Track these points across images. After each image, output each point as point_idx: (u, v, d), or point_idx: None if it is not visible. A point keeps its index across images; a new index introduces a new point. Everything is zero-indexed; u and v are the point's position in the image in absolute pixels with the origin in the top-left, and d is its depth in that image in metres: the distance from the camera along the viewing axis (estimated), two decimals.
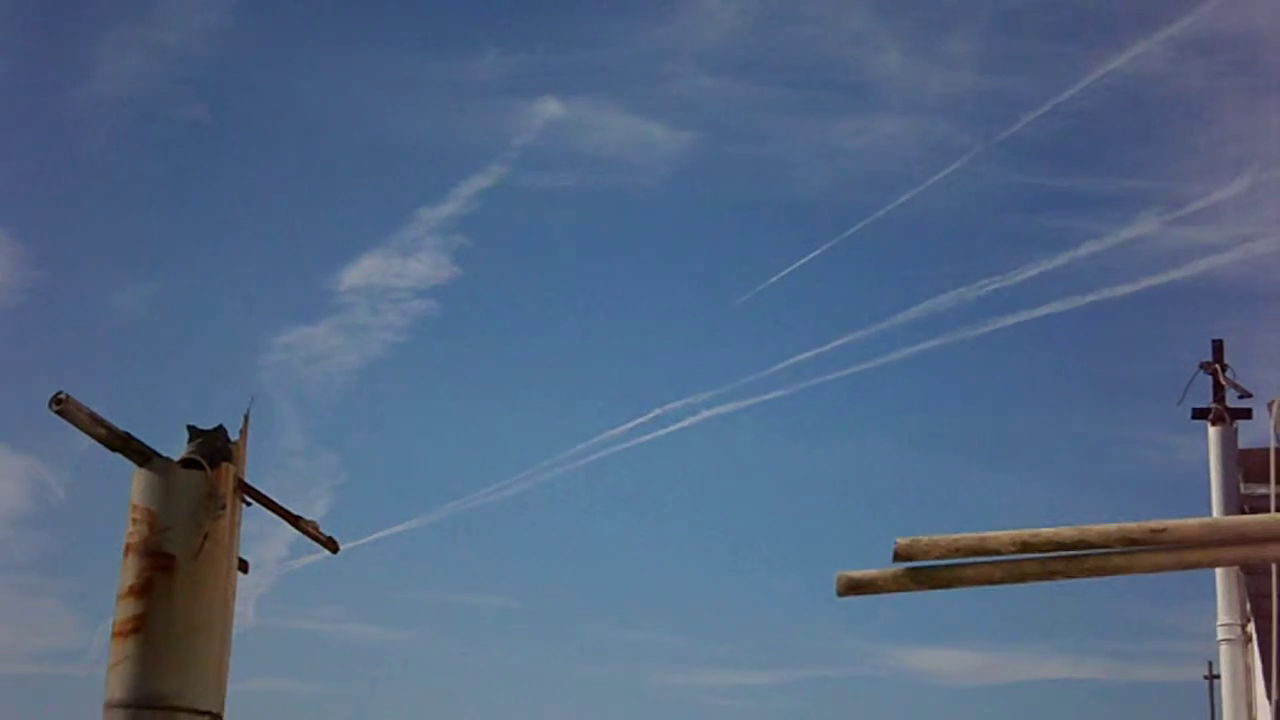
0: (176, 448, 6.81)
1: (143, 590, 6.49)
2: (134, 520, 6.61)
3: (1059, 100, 38.23)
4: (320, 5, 44.57)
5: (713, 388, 38.46)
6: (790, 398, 38.47)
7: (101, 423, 6.57)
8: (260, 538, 7.10)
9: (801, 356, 37.52)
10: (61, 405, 6.40)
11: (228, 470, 6.74)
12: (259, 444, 6.99)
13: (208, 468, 6.68)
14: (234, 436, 6.88)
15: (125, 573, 6.56)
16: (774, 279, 39.46)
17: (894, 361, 37.58)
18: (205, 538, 6.56)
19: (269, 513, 7.10)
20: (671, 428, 37.68)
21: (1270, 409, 15.25)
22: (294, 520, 7.18)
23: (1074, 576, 6.30)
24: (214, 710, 6.54)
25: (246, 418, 6.94)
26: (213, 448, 6.77)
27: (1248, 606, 15.91)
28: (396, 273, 40.84)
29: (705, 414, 37.69)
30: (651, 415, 37.66)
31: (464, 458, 44.70)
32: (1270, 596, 14.34)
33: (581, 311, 45.04)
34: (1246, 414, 16.67)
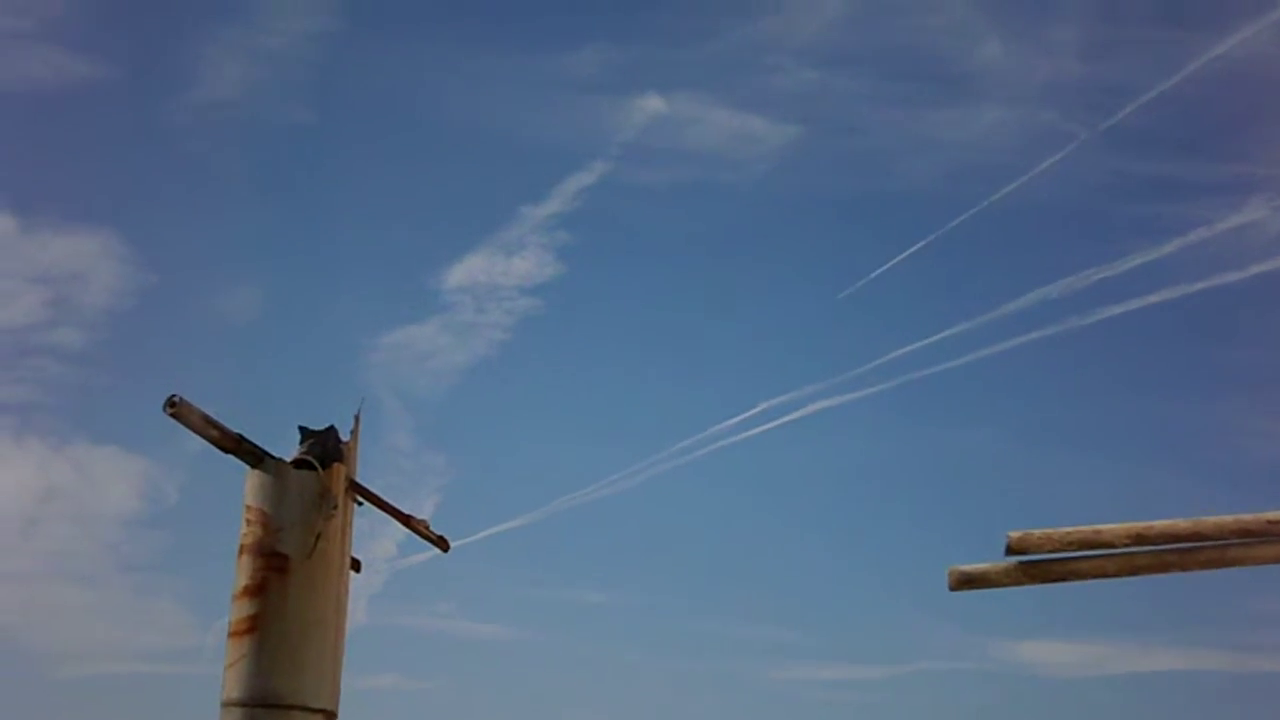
0: (287, 448, 6.86)
1: (257, 590, 6.55)
2: (248, 521, 6.67)
3: (1165, 87, 37.66)
4: (421, 5, 44.84)
5: (818, 381, 38.21)
6: (896, 390, 38.14)
7: (214, 425, 6.63)
8: (370, 537, 7.15)
9: (907, 349, 37.19)
10: (175, 408, 6.47)
11: (339, 470, 6.79)
12: (367, 444, 7.04)
13: (320, 468, 6.73)
14: (344, 437, 6.93)
15: (240, 573, 6.63)
16: (878, 272, 39.14)
17: (1001, 352, 37.16)
18: (318, 537, 6.61)
19: (379, 512, 7.15)
20: (778, 421, 37.50)
21: None
22: (405, 519, 7.22)
23: (1189, 569, 6.21)
24: (329, 708, 6.59)
25: (357, 418, 6.99)
26: (324, 448, 6.82)
27: None
28: (501, 271, 40.94)
29: (812, 407, 37.48)
30: (758, 409, 37.49)
31: (571, 454, 44.77)
32: None
33: (685, 307, 44.98)
34: None
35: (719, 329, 44.93)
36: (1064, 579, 6.30)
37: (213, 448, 6.72)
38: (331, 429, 6.90)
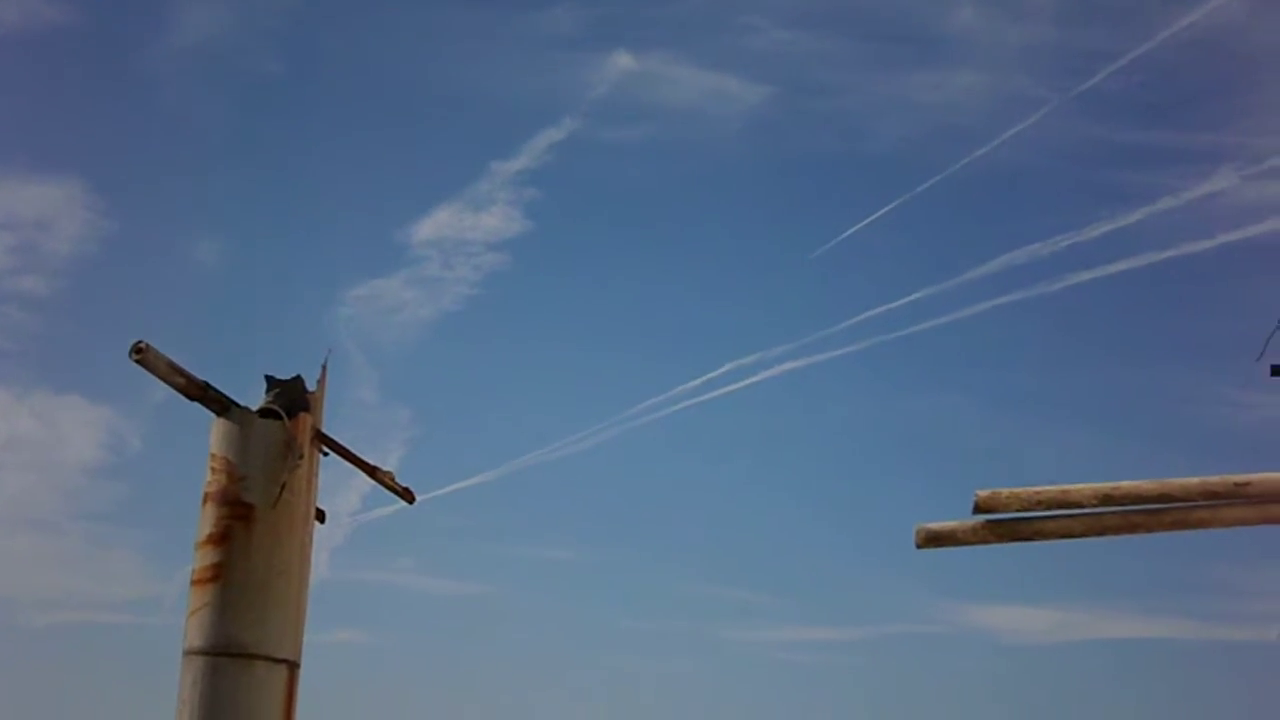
0: (252, 398, 6.82)
1: (221, 539, 6.51)
2: (212, 469, 6.63)
3: (1137, 53, 37.70)
4: None
5: (786, 342, 38.26)
6: (864, 352, 38.23)
7: (180, 372, 6.59)
8: (334, 490, 7.11)
9: (876, 311, 37.25)
10: (141, 354, 6.42)
11: (305, 420, 6.75)
12: (332, 397, 7.00)
13: (286, 417, 6.69)
14: (310, 387, 6.89)
15: (204, 521, 6.59)
16: (848, 233, 39.18)
17: (969, 316, 37.26)
18: (283, 487, 6.57)
19: (342, 465, 7.11)
20: (745, 382, 37.56)
21: None
22: (371, 471, 7.19)
23: (1155, 530, 6.23)
24: (291, 658, 6.56)
25: (324, 369, 6.94)
26: (290, 398, 6.78)
27: None
28: (469, 226, 40.84)
29: (779, 369, 37.54)
30: (724, 369, 37.54)
31: (536, 411, 44.78)
32: None
33: (654, 266, 44.96)
34: None
35: (687, 288, 44.95)
36: (1031, 538, 6.31)
37: (177, 397, 6.67)
38: (298, 379, 6.86)
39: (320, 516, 6.90)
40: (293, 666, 6.57)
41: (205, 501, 6.60)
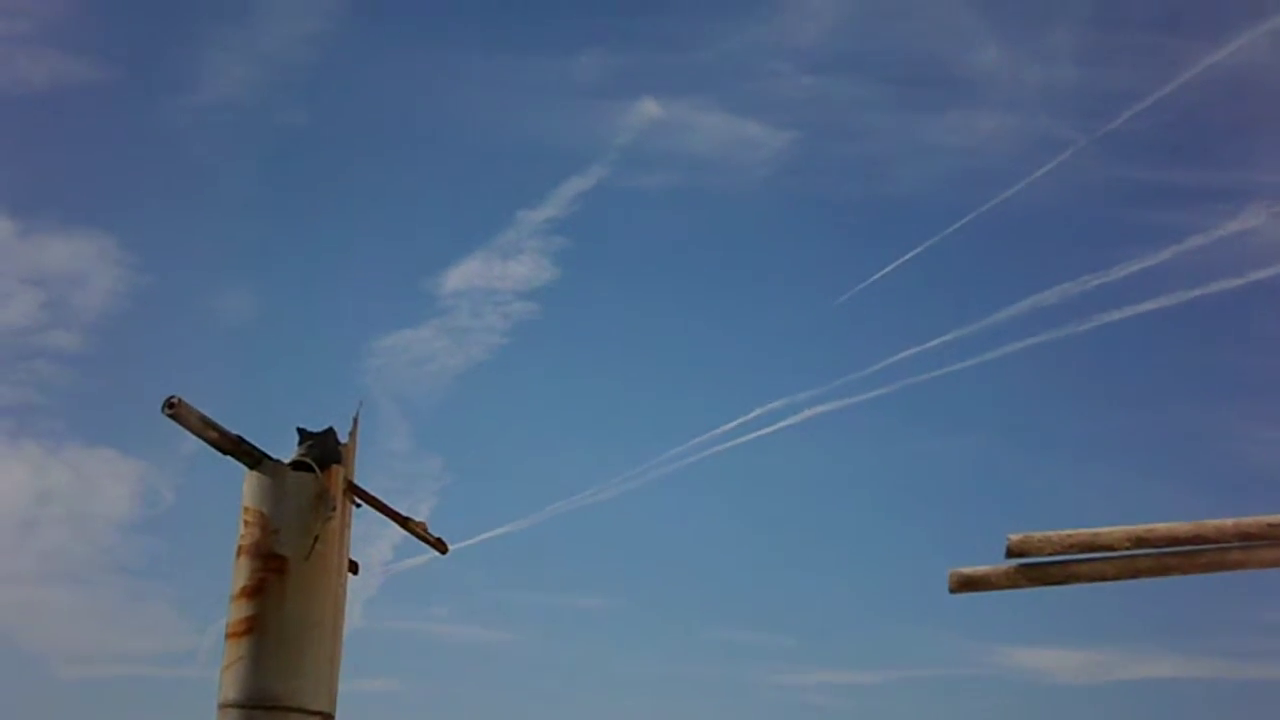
0: (284, 450, 6.85)
1: (255, 592, 6.54)
2: (245, 523, 6.65)
3: (1162, 93, 37.66)
4: (419, 8, 44.85)
5: (814, 387, 38.19)
6: (892, 395, 38.12)
7: (213, 426, 6.62)
8: (366, 540, 7.13)
9: (903, 354, 37.18)
10: (174, 409, 6.46)
11: (337, 472, 6.77)
12: (363, 447, 7.02)
13: (318, 470, 6.72)
14: (342, 439, 6.91)
15: (237, 574, 6.61)
16: (875, 277, 39.14)
17: (998, 358, 37.16)
18: (316, 539, 6.60)
19: (374, 515, 7.13)
20: (773, 427, 37.48)
21: None
22: (403, 521, 7.21)
23: (1189, 573, 6.20)
24: (326, 710, 6.57)
25: (355, 420, 6.97)
26: (323, 450, 6.81)
27: None
28: (498, 275, 40.94)
29: (807, 413, 37.46)
30: (753, 415, 37.47)
31: (567, 459, 44.75)
32: None
33: (682, 312, 44.98)
34: None
35: (715, 334, 44.94)
36: (1064, 582, 6.28)
37: (209, 450, 6.71)
38: (330, 431, 6.89)
39: (353, 568, 6.91)
40: (327, 718, 6.57)
41: (239, 554, 6.63)
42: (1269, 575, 6.39)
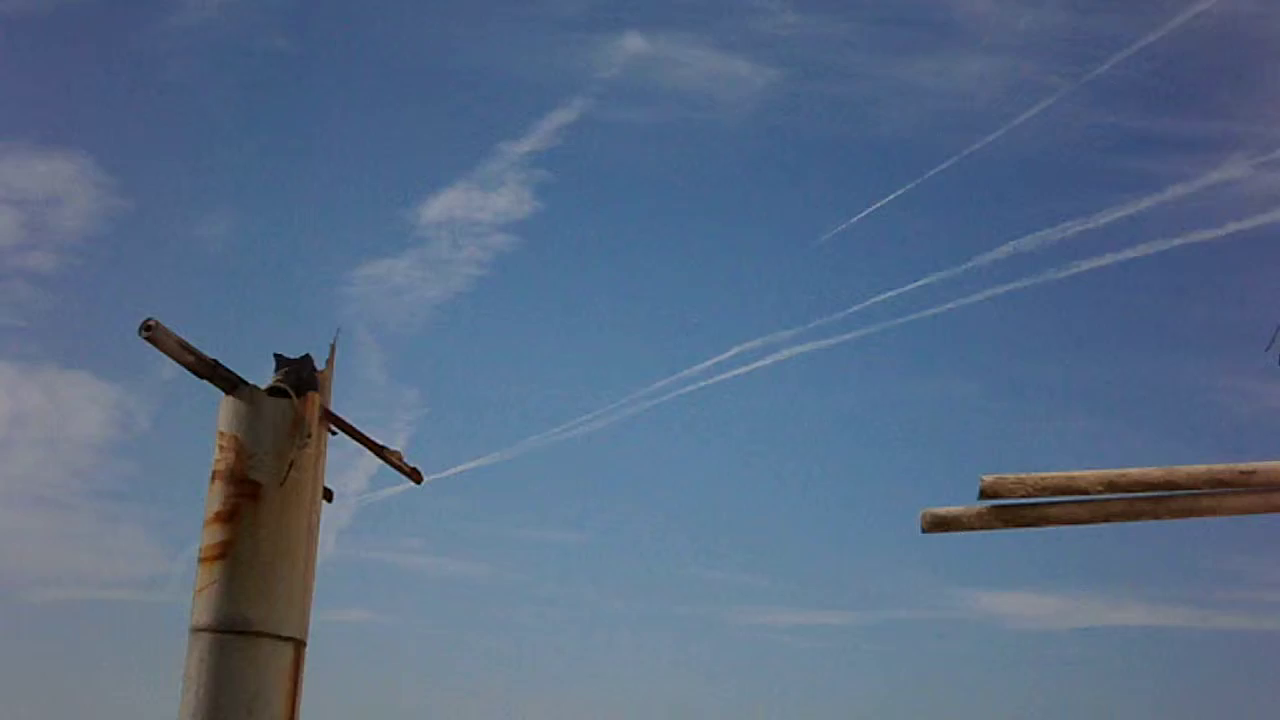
0: (261, 376, 6.83)
1: (229, 517, 6.53)
2: (221, 447, 6.64)
3: (1148, 41, 37.64)
4: None
5: (793, 326, 38.28)
6: (871, 337, 38.25)
7: (190, 349, 6.60)
8: (341, 469, 7.12)
9: (883, 296, 37.26)
10: (151, 332, 6.43)
11: (314, 399, 6.75)
12: (339, 376, 7.00)
13: (294, 396, 6.70)
14: (319, 366, 6.89)
15: (211, 499, 6.60)
16: (856, 218, 39.17)
17: (976, 303, 37.25)
18: (291, 465, 6.59)
19: (349, 444, 7.12)
20: (752, 366, 37.59)
21: None
22: (379, 450, 7.20)
23: (1161, 517, 6.24)
24: (297, 636, 6.58)
25: (333, 348, 6.95)
26: (299, 376, 6.79)
27: None
28: (478, 206, 40.87)
29: (786, 353, 37.56)
30: (731, 353, 37.58)
31: (544, 393, 44.82)
32: None
33: (662, 248, 44.97)
34: None
35: (694, 271, 44.94)
36: (1036, 524, 6.32)
37: (185, 374, 6.68)
38: (307, 358, 6.86)
39: (328, 496, 6.91)
40: (299, 644, 6.58)
41: (213, 479, 6.62)
42: (1240, 525, 6.44)
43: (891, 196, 38.28)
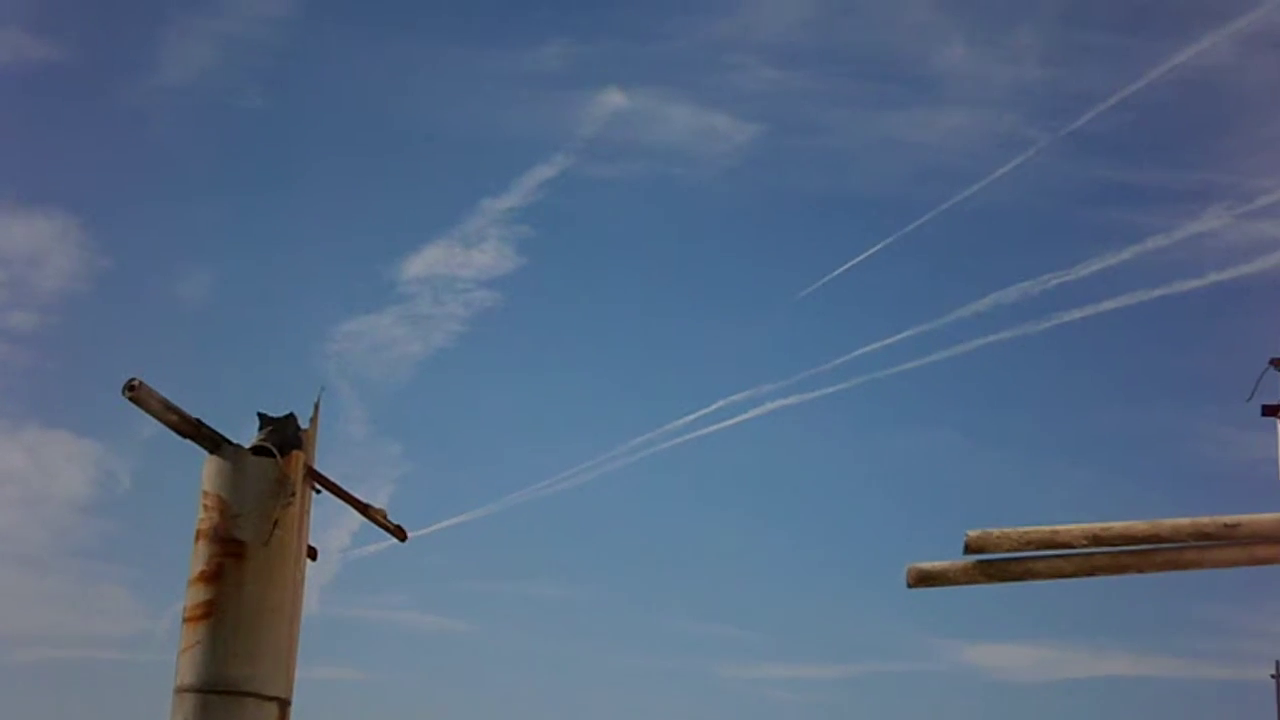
0: (244, 435, 6.83)
1: (213, 576, 6.52)
2: (205, 507, 6.63)
3: (1126, 93, 37.94)
4: None
5: (777, 380, 38.36)
6: (855, 390, 38.38)
7: (173, 409, 6.60)
8: (323, 525, 7.12)
9: (866, 349, 37.40)
10: (135, 392, 6.43)
11: (298, 458, 6.76)
12: (322, 432, 7.01)
13: (278, 455, 6.70)
14: (303, 425, 6.90)
15: (196, 559, 6.59)
16: (838, 272, 39.34)
17: (959, 355, 37.42)
18: (275, 524, 6.58)
19: (333, 501, 7.12)
20: (736, 419, 37.66)
21: None
22: (363, 508, 7.20)
23: (1146, 571, 6.25)
24: (282, 696, 6.56)
25: (317, 406, 6.95)
26: (283, 435, 6.79)
27: None
28: (460, 263, 41.01)
29: (769, 406, 37.65)
30: (715, 406, 37.65)
31: (528, 448, 44.86)
32: None
33: (645, 303, 45.10)
34: None
35: (678, 325, 45.01)
36: (1021, 578, 6.32)
37: (167, 433, 6.68)
38: (291, 416, 6.87)
39: (312, 554, 6.90)
40: (284, 704, 6.56)
41: (197, 539, 6.61)
42: (1223, 574, 6.44)
43: (873, 250, 38.47)
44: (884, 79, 44.05)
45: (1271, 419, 16.52)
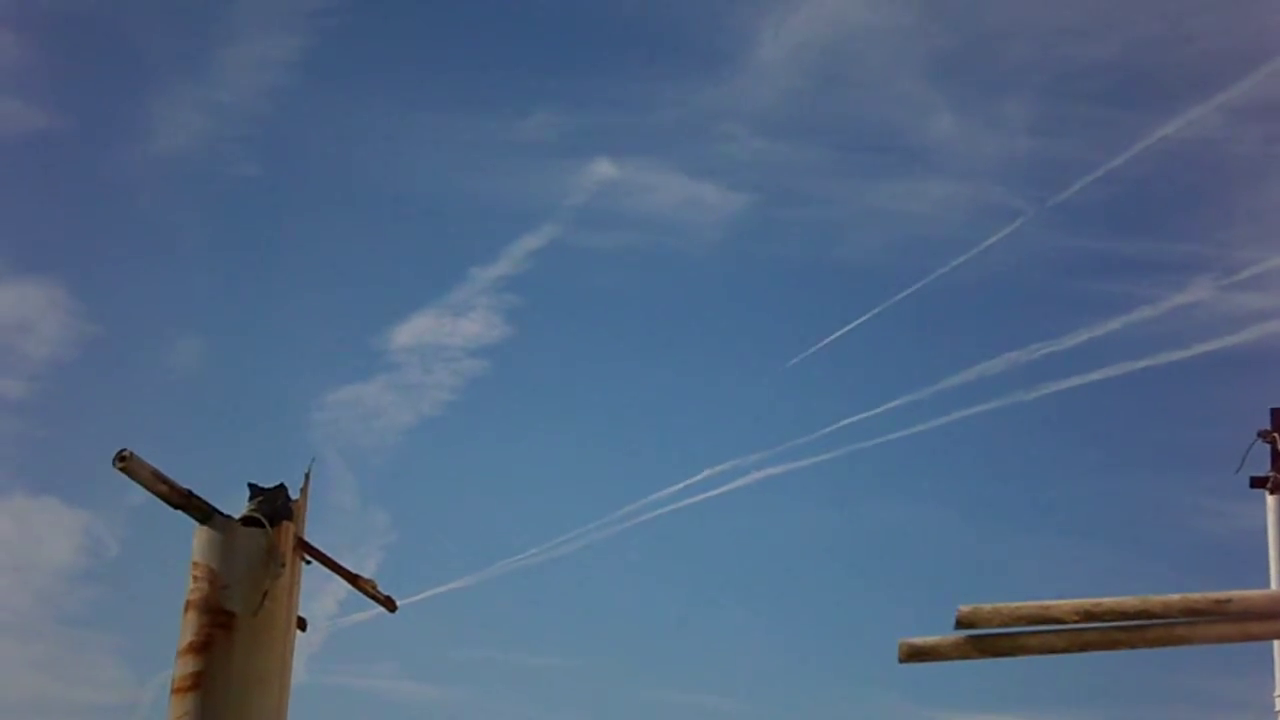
0: (233, 505, 6.82)
1: (203, 647, 6.50)
2: (195, 577, 6.63)
3: (1113, 165, 38.04)
4: (374, 65, 45.02)
5: (763, 449, 38.22)
6: (841, 460, 38.20)
7: (164, 480, 6.60)
8: (310, 594, 7.10)
9: (852, 419, 37.26)
10: (126, 463, 6.44)
11: (288, 529, 6.76)
12: (312, 501, 7.01)
13: (268, 526, 6.70)
14: (293, 495, 6.90)
15: (185, 629, 6.58)
16: (825, 342, 39.31)
17: (946, 425, 37.29)
18: (265, 595, 6.57)
19: (320, 569, 7.11)
20: (722, 489, 37.49)
21: None
22: (353, 579, 7.19)
23: (1137, 646, 6.24)
24: None
25: (307, 476, 6.96)
26: (273, 506, 6.79)
27: None
28: (448, 332, 40.95)
29: (756, 475, 37.50)
30: (702, 476, 37.48)
31: (515, 517, 44.67)
32: None
33: (632, 372, 45.07)
34: None
35: (665, 395, 44.98)
36: (1013, 653, 6.31)
37: (155, 501, 6.68)
38: (281, 487, 6.87)
39: (302, 625, 6.88)
40: None
41: (187, 609, 6.59)
42: (1214, 648, 6.44)
43: (860, 320, 38.47)
44: (872, 149, 44.19)
45: (1260, 490, 16.53)
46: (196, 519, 6.73)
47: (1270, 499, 16.36)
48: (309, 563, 6.96)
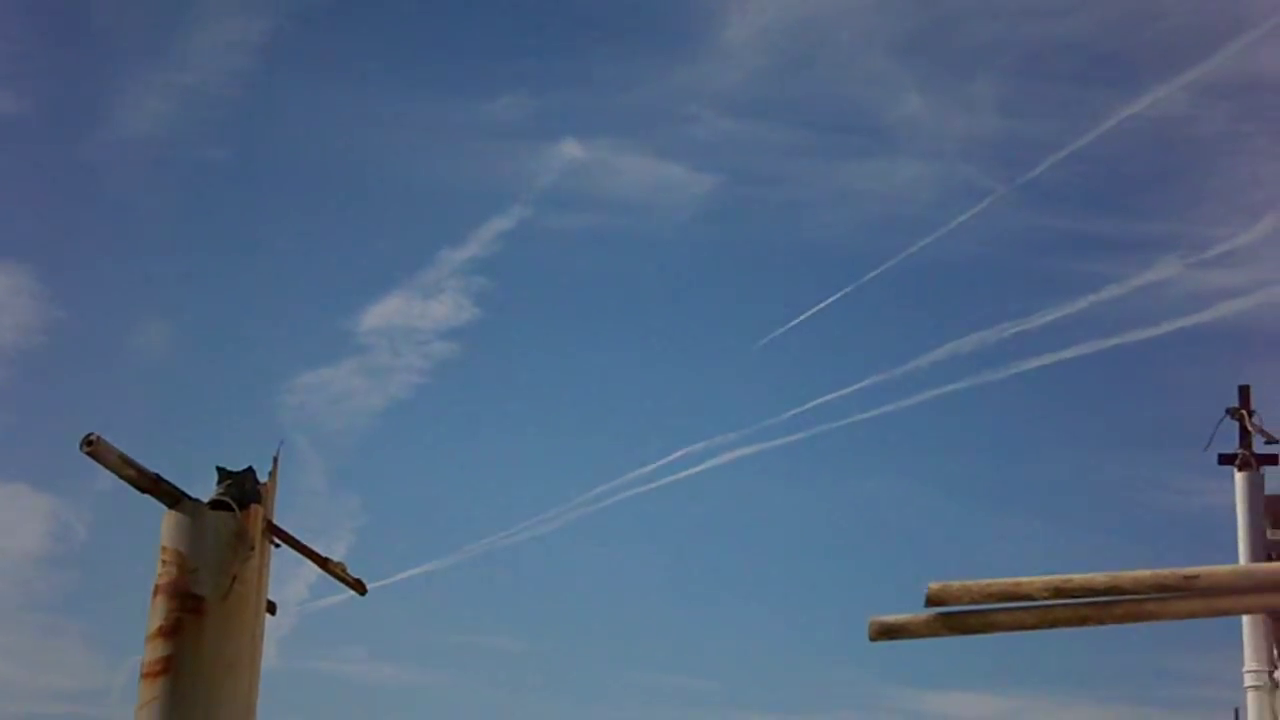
0: (201, 488, 6.79)
1: (172, 631, 6.48)
2: (163, 562, 6.60)
3: (1080, 144, 38.22)
4: (342, 48, 44.91)
5: (734, 430, 38.33)
6: (813, 439, 38.36)
7: (131, 464, 6.57)
8: (282, 578, 7.08)
9: (823, 399, 37.41)
10: (93, 447, 6.40)
11: (257, 512, 6.73)
12: (281, 485, 6.98)
13: (237, 509, 6.67)
14: (262, 478, 6.87)
15: (154, 614, 6.55)
16: (795, 322, 39.42)
17: (916, 405, 37.44)
18: (234, 579, 6.55)
19: (290, 553, 7.08)
20: (694, 469, 37.61)
21: None
22: (322, 562, 7.16)
23: (1106, 623, 6.26)
24: None
25: (275, 460, 6.93)
26: (242, 489, 6.76)
27: (1275, 653, 15.82)
28: (418, 314, 40.95)
29: (727, 456, 37.61)
30: (674, 457, 37.60)
31: (486, 499, 44.71)
32: None
33: (602, 353, 45.12)
34: (1273, 460, 16.58)
35: (635, 376, 45.02)
36: (983, 630, 6.32)
37: (124, 485, 6.65)
38: (250, 470, 6.84)
39: (271, 608, 6.86)
40: None
41: (156, 594, 6.56)
42: (1183, 623, 6.46)
43: (830, 300, 38.58)
44: (841, 130, 44.29)
45: (1228, 467, 16.62)
46: (165, 503, 6.69)
47: (1239, 475, 16.46)
48: (278, 546, 6.93)
